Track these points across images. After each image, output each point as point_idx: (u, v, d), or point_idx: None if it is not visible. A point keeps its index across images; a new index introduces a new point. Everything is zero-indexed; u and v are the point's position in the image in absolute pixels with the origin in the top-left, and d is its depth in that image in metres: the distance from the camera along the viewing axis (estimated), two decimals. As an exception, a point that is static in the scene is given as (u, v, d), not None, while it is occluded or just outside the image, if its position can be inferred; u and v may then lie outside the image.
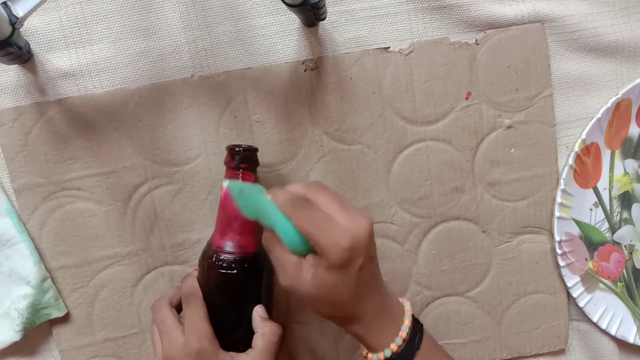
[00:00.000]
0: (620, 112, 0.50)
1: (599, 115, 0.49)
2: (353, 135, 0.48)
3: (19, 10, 0.36)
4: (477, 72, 0.48)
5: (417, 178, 0.49)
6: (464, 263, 0.51)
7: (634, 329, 0.53)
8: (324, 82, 0.47)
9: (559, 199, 0.50)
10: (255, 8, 0.46)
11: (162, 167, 0.47)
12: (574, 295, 0.51)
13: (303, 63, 0.47)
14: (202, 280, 0.42)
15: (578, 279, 0.51)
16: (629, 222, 0.52)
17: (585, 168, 0.50)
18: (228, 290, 0.41)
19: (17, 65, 0.45)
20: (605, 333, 0.53)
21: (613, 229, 0.52)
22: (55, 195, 0.46)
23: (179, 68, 0.46)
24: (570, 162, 0.49)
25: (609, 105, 0.49)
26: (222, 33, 0.46)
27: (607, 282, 0.52)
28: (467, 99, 0.48)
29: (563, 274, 0.51)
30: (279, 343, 0.41)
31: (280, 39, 0.47)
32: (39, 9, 0.39)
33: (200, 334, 0.38)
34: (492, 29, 0.48)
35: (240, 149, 0.42)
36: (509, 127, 0.49)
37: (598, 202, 0.51)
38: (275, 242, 0.37)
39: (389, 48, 0.47)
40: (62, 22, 0.45)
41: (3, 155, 0.46)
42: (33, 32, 0.45)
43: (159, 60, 0.46)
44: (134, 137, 0.46)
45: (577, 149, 0.49)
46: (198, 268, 0.43)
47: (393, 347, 0.37)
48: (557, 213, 0.50)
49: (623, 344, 0.53)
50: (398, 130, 0.48)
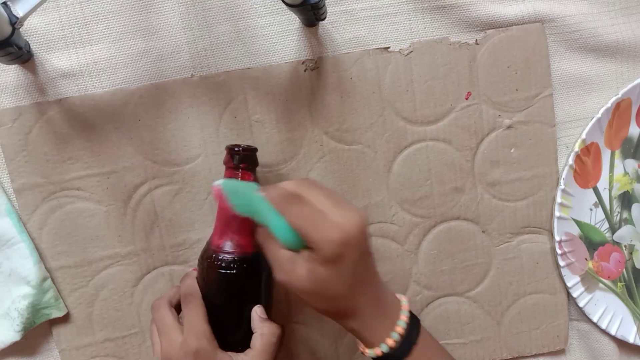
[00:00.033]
0: (620, 112, 0.50)
1: (599, 115, 0.49)
2: (353, 135, 0.48)
3: (19, 10, 0.36)
4: (477, 72, 0.48)
5: (417, 178, 0.49)
6: (464, 263, 0.51)
7: (634, 329, 0.53)
8: (324, 82, 0.47)
9: (559, 199, 0.50)
10: (255, 8, 0.46)
11: (162, 167, 0.47)
12: (574, 295, 0.51)
13: (303, 63, 0.47)
14: (201, 280, 0.42)
15: (578, 279, 0.51)
16: (629, 222, 0.52)
17: (585, 168, 0.50)
18: (227, 290, 0.41)
19: (17, 65, 0.45)
20: (605, 333, 0.53)
21: (613, 229, 0.52)
22: (55, 195, 0.46)
23: (179, 68, 0.46)
24: (570, 162, 0.49)
25: (609, 105, 0.49)
26: (222, 33, 0.46)
27: (607, 282, 0.52)
28: (467, 99, 0.48)
29: (563, 274, 0.51)
30: (278, 343, 0.41)
31: (280, 39, 0.47)
32: (39, 9, 0.39)
33: (199, 334, 0.38)
34: (492, 29, 0.48)
35: (240, 149, 0.42)
36: (509, 127, 0.49)
37: (598, 202, 0.51)
38: (270, 238, 0.38)
39: (389, 48, 0.47)
40: (62, 22, 0.45)
41: (3, 155, 0.46)
42: (33, 32, 0.45)
43: (159, 60, 0.46)
44: (134, 137, 0.46)
45: (577, 149, 0.49)
46: (197, 268, 0.43)
47: (390, 341, 0.37)
48: (557, 213, 0.50)
49: (623, 344, 0.53)
50: (398, 130, 0.48)
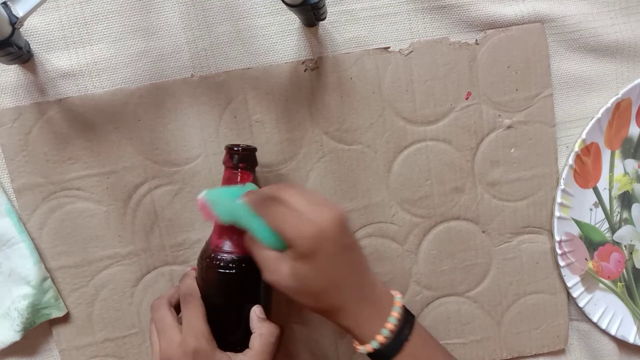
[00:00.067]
0: (620, 112, 0.50)
1: (599, 115, 0.49)
2: (353, 135, 0.48)
3: (19, 10, 0.36)
4: (477, 72, 0.48)
5: (417, 178, 0.49)
6: (464, 263, 0.51)
7: (634, 329, 0.53)
8: (324, 82, 0.47)
9: (559, 199, 0.50)
10: (255, 8, 0.46)
11: (162, 167, 0.47)
12: (574, 295, 0.51)
13: (303, 63, 0.47)
14: (200, 280, 0.42)
15: (578, 279, 0.51)
16: (629, 222, 0.52)
17: (585, 168, 0.50)
18: (226, 290, 0.41)
19: (17, 65, 0.45)
20: (605, 333, 0.53)
21: (613, 229, 0.52)
22: (55, 195, 0.46)
23: (179, 68, 0.46)
24: (570, 162, 0.49)
25: (609, 105, 0.49)
26: (222, 33, 0.46)
27: (607, 282, 0.52)
28: (467, 99, 0.48)
29: (563, 274, 0.51)
30: (277, 343, 0.41)
31: (280, 39, 0.47)
32: (39, 9, 0.39)
33: (198, 334, 0.38)
34: (492, 29, 0.48)
35: (239, 149, 0.42)
36: (509, 127, 0.49)
37: (598, 202, 0.51)
38: (255, 241, 0.39)
39: (389, 48, 0.47)
40: (62, 22, 0.45)
41: (3, 155, 0.46)
42: (33, 32, 0.45)
43: (159, 60, 0.46)
44: (134, 137, 0.46)
45: (577, 149, 0.49)
46: (197, 268, 0.43)
47: (380, 338, 0.37)
48: (557, 213, 0.50)
49: (623, 344, 0.53)
50: (398, 130, 0.48)
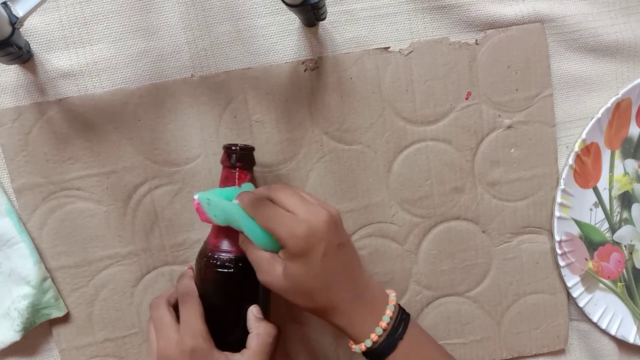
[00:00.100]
0: (620, 112, 0.50)
1: (599, 115, 0.49)
2: (353, 135, 0.48)
3: (19, 10, 0.36)
4: (477, 72, 0.48)
5: (417, 178, 0.49)
6: (464, 263, 0.51)
7: (634, 329, 0.53)
8: (324, 82, 0.47)
9: (559, 199, 0.50)
10: (255, 8, 0.46)
11: (162, 167, 0.47)
12: (574, 295, 0.51)
13: (303, 63, 0.47)
14: (198, 280, 0.42)
15: (578, 279, 0.51)
16: (629, 222, 0.52)
17: (585, 168, 0.50)
18: (224, 289, 0.41)
19: (17, 65, 0.45)
20: (605, 333, 0.53)
21: (613, 229, 0.52)
22: (55, 195, 0.46)
23: (179, 68, 0.46)
24: (570, 162, 0.49)
25: (609, 105, 0.49)
26: (222, 33, 0.46)
27: (607, 282, 0.52)
28: (467, 99, 0.48)
29: (563, 274, 0.51)
30: (274, 344, 0.41)
31: (280, 39, 0.47)
32: (39, 9, 0.39)
33: (195, 333, 0.38)
34: (492, 29, 0.48)
35: (237, 148, 0.42)
36: (509, 127, 0.49)
37: (598, 202, 0.51)
38: (249, 242, 0.39)
39: (389, 48, 0.47)
40: (62, 22, 0.45)
41: (3, 155, 0.46)
42: (33, 32, 0.45)
43: (159, 60, 0.46)
44: (134, 137, 0.46)
45: (577, 149, 0.49)
46: (195, 267, 0.43)
47: (374, 337, 0.38)
48: (557, 213, 0.50)
49: (623, 344, 0.53)
50: (398, 130, 0.48)
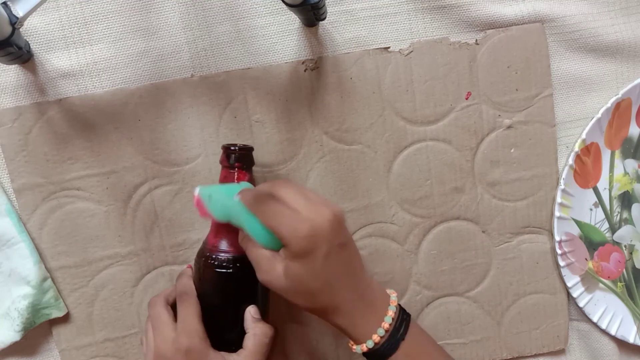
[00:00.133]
0: (620, 112, 0.50)
1: (599, 115, 0.49)
2: (353, 135, 0.48)
3: (19, 10, 0.36)
4: (477, 72, 0.48)
5: (417, 178, 0.49)
6: (464, 263, 0.51)
7: (634, 329, 0.53)
8: (324, 82, 0.47)
9: (559, 199, 0.50)
10: (255, 8, 0.46)
11: (162, 167, 0.47)
12: (574, 295, 0.51)
13: (303, 63, 0.47)
14: (197, 279, 0.42)
15: (578, 279, 0.51)
16: (629, 222, 0.52)
17: (585, 168, 0.50)
18: (222, 290, 0.41)
19: (17, 65, 0.45)
20: (605, 333, 0.53)
21: (613, 229, 0.52)
22: (55, 195, 0.46)
23: (179, 68, 0.46)
24: (570, 162, 0.49)
25: (609, 105, 0.49)
26: (222, 33, 0.46)
27: (607, 282, 0.52)
28: (467, 99, 0.48)
29: (563, 274, 0.51)
30: (270, 344, 0.41)
31: (280, 39, 0.47)
32: (39, 9, 0.39)
33: (191, 332, 0.38)
34: (492, 29, 0.48)
35: (235, 148, 0.42)
36: (509, 127, 0.49)
37: (598, 202, 0.51)
38: (249, 239, 0.38)
39: (389, 48, 0.47)
40: (62, 22, 0.45)
41: (3, 155, 0.46)
42: (33, 32, 0.45)
43: (159, 60, 0.46)
44: (134, 137, 0.46)
45: (577, 149, 0.49)
46: (194, 266, 0.43)
47: (375, 337, 0.37)
48: (557, 213, 0.50)
49: (623, 344, 0.53)
50: (398, 130, 0.48)
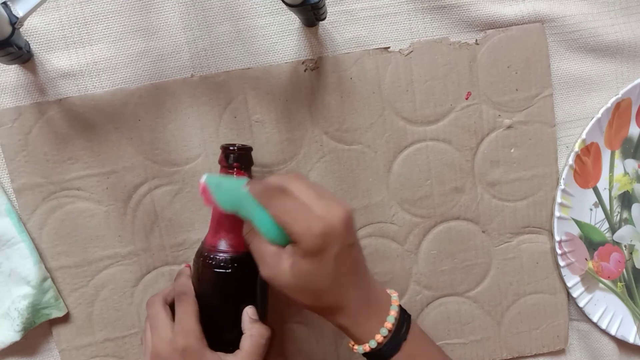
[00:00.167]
0: (620, 112, 0.50)
1: (599, 115, 0.49)
2: (353, 135, 0.48)
3: (19, 10, 0.36)
4: (477, 72, 0.48)
5: (417, 178, 0.49)
6: (464, 263, 0.51)
7: (634, 329, 0.53)
8: (324, 82, 0.47)
9: (559, 199, 0.50)
10: (255, 8, 0.46)
11: (162, 167, 0.47)
12: (574, 295, 0.51)
13: (303, 63, 0.47)
14: (195, 279, 0.42)
15: (578, 279, 0.51)
16: (629, 222, 0.52)
17: (585, 168, 0.50)
18: (221, 290, 0.41)
19: (17, 65, 0.45)
20: (605, 333, 0.53)
21: (613, 229, 0.52)
22: (55, 195, 0.46)
23: (179, 68, 0.46)
24: (570, 162, 0.49)
25: (609, 105, 0.49)
26: (222, 33, 0.46)
27: (607, 282, 0.52)
28: (467, 99, 0.48)
29: (563, 274, 0.51)
30: (267, 345, 0.40)
31: (280, 39, 0.47)
32: (39, 9, 0.39)
33: (188, 332, 0.38)
34: (492, 29, 0.48)
35: (234, 148, 0.42)
36: (509, 127, 0.49)
37: (598, 202, 0.51)
38: (255, 233, 0.37)
39: (389, 48, 0.47)
40: (62, 22, 0.45)
41: (3, 155, 0.46)
42: (33, 32, 0.45)
43: (159, 60, 0.46)
44: (134, 137, 0.46)
45: (577, 149, 0.49)
46: (192, 266, 0.43)
47: (378, 337, 0.37)
48: (557, 213, 0.50)
49: (623, 344, 0.53)
50: (398, 130, 0.48)
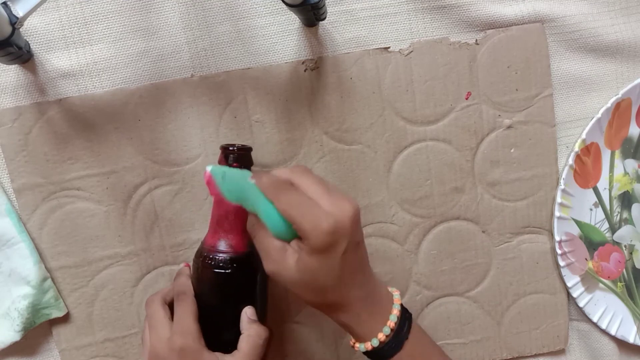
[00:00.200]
0: (620, 112, 0.50)
1: (599, 115, 0.49)
2: (353, 135, 0.48)
3: (19, 10, 0.36)
4: (477, 72, 0.48)
5: (417, 178, 0.49)
6: (464, 263, 0.51)
7: (634, 329, 0.53)
8: (324, 82, 0.47)
9: (559, 199, 0.50)
10: (255, 8, 0.46)
11: (162, 167, 0.47)
12: (574, 295, 0.51)
13: (303, 63, 0.47)
14: (194, 279, 0.42)
15: (578, 279, 0.51)
16: (629, 222, 0.52)
17: (585, 168, 0.50)
18: (220, 290, 0.41)
19: (17, 65, 0.45)
20: (605, 333, 0.53)
21: (613, 229, 0.52)
22: (55, 195, 0.46)
23: (179, 68, 0.46)
24: (570, 162, 0.49)
25: (609, 105, 0.49)
26: (222, 33, 0.46)
27: (607, 282, 0.52)
28: (467, 99, 0.48)
29: (563, 274, 0.51)
30: (264, 346, 0.40)
31: (280, 39, 0.47)
32: (39, 9, 0.39)
33: (186, 332, 0.38)
34: (492, 29, 0.48)
35: (234, 148, 0.42)
36: (509, 127, 0.49)
37: (598, 202, 0.51)
38: (260, 227, 0.37)
39: (389, 48, 0.47)
40: (62, 22, 0.45)
41: (3, 155, 0.46)
42: (33, 32, 0.45)
43: (159, 60, 0.46)
44: (134, 137, 0.46)
45: (577, 149, 0.49)
46: (192, 266, 0.43)
47: (381, 336, 0.37)
48: (557, 213, 0.50)
49: (623, 344, 0.53)
50: (398, 130, 0.48)
